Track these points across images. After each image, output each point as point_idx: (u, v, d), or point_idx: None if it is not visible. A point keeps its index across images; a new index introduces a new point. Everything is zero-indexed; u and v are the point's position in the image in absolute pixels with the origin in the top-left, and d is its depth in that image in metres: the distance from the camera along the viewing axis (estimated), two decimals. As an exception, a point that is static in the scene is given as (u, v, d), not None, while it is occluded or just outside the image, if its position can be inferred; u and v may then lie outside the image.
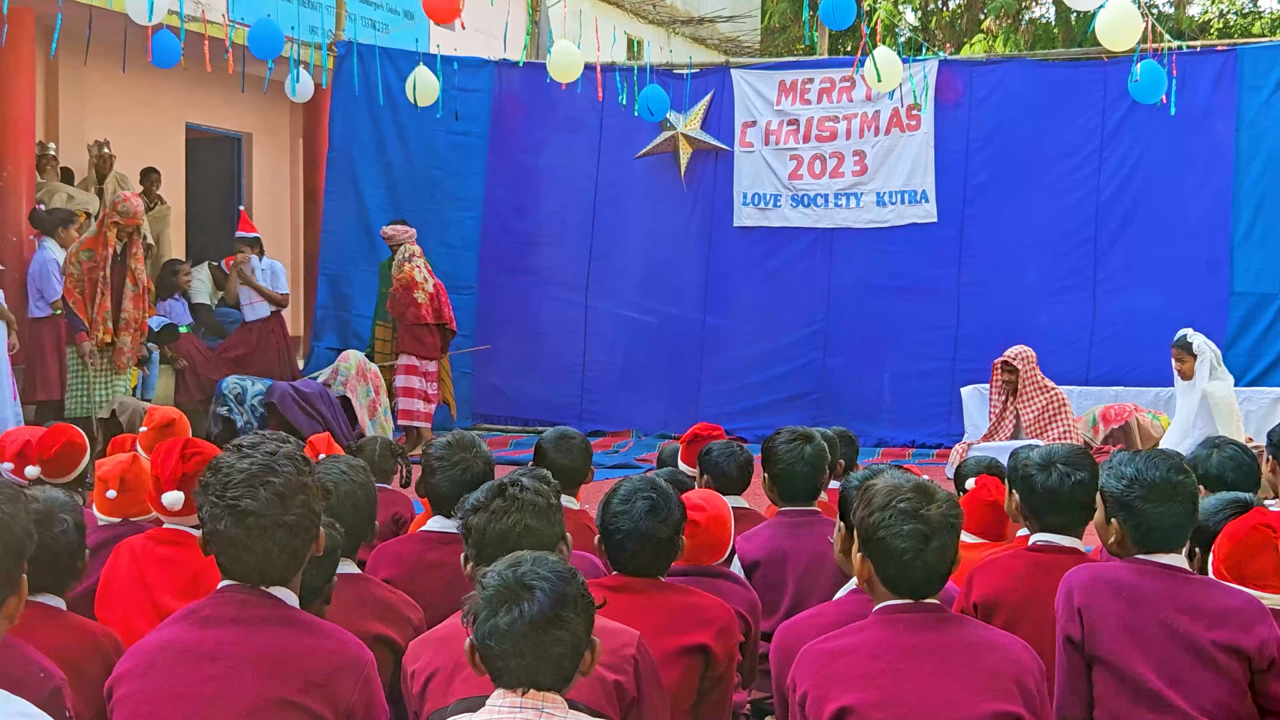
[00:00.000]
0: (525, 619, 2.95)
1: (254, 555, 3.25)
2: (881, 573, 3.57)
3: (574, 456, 5.92)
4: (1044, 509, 4.60)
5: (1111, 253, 14.16)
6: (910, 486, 3.57)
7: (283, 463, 3.29)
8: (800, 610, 4.58)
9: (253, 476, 3.24)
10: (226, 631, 3.24)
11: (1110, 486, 4.12)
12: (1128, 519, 4.05)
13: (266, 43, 12.97)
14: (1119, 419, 12.32)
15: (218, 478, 3.27)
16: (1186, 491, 4.06)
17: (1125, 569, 4.04)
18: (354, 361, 13.31)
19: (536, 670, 2.97)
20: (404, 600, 4.47)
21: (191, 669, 3.21)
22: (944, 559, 3.54)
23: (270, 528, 3.23)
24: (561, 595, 2.99)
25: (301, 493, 3.29)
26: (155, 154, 16.29)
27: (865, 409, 14.47)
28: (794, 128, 14.97)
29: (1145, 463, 4.08)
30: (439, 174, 15.53)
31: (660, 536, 4.26)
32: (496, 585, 3.02)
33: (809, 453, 5.56)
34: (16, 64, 13.16)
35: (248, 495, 3.22)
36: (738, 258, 15.18)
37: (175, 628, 3.33)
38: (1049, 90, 14.37)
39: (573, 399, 15.42)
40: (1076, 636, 3.97)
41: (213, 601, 3.32)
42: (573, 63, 13.74)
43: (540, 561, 3.07)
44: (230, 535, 3.24)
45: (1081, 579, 4.04)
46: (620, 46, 21.57)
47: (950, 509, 3.56)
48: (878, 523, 3.54)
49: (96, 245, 11.55)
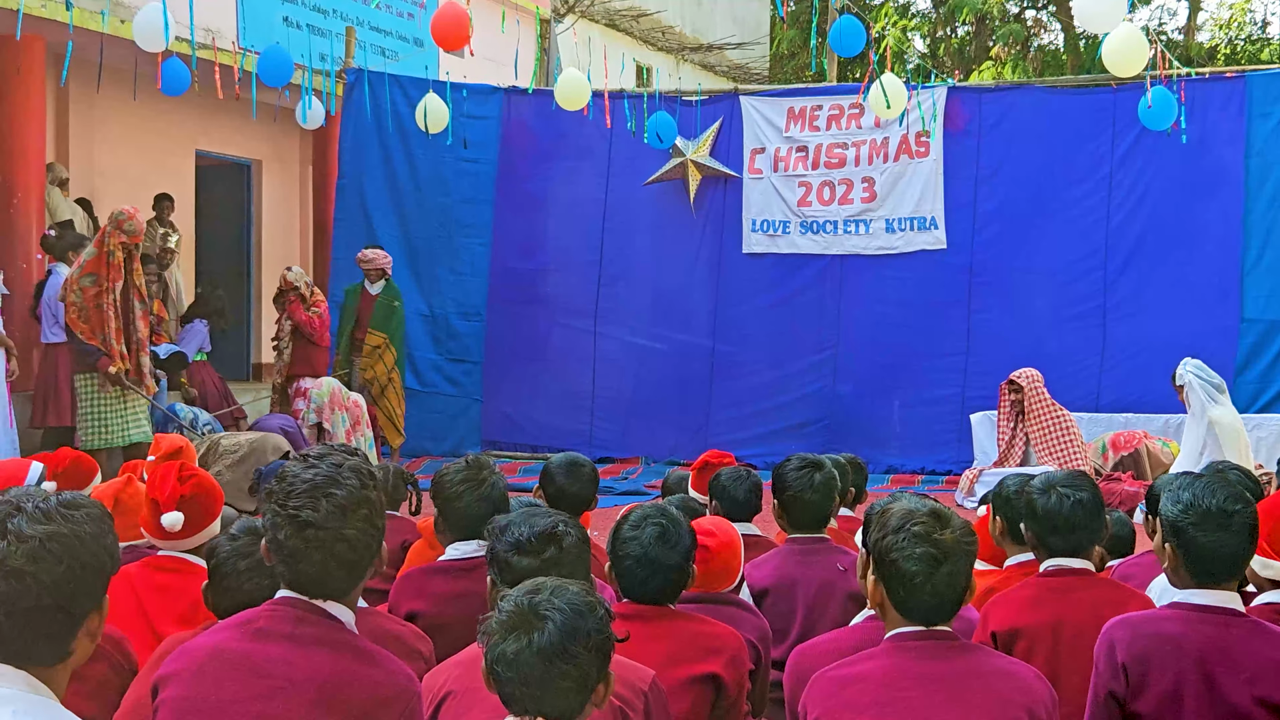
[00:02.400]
0: (533, 649, 2.94)
1: (312, 566, 3.22)
2: (893, 596, 3.55)
3: (582, 484, 5.89)
4: (1045, 532, 4.57)
5: (1121, 279, 14.14)
6: (925, 511, 3.56)
7: (347, 475, 3.25)
8: (809, 638, 4.56)
9: (316, 488, 3.22)
10: (279, 648, 3.20)
11: (1166, 510, 4.01)
12: (1180, 545, 3.94)
13: (276, 70, 12.98)
14: (1129, 446, 12.31)
15: (282, 486, 3.25)
16: (1242, 522, 3.92)
17: (1168, 619, 3.95)
18: (327, 389, 13.03)
19: (543, 700, 2.95)
20: (414, 633, 4.43)
21: (240, 683, 3.17)
22: (954, 585, 3.51)
23: (330, 540, 3.20)
24: (573, 629, 2.97)
25: (364, 506, 3.25)
26: (165, 181, 16.34)
27: (875, 436, 14.44)
28: (803, 154, 14.98)
29: (1204, 489, 3.97)
30: (448, 201, 15.54)
31: (670, 563, 4.24)
32: (511, 611, 3.00)
33: (819, 480, 5.54)
34: (27, 91, 13.22)
35: (309, 506, 3.20)
36: (747, 284, 15.17)
37: (228, 634, 3.29)
38: (1058, 117, 14.37)
39: (582, 426, 15.40)
40: (1121, 692, 3.89)
41: (269, 613, 3.28)
42: (579, 90, 13.75)
43: (560, 591, 3.04)
44: (290, 545, 3.21)
45: (1123, 635, 3.94)
46: (629, 73, 21.63)
47: (964, 535, 3.54)
48: (890, 545, 3.53)
49: (100, 268, 10.99)
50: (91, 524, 2.74)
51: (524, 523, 3.94)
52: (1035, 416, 12.31)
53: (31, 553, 2.65)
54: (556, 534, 3.90)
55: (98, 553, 2.74)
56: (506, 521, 4.00)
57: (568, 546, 3.88)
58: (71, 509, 2.74)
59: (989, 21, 33.48)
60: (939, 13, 34.74)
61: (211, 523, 4.91)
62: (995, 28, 33.21)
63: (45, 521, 2.68)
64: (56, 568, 2.66)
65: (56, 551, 2.66)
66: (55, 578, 2.66)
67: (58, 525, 2.69)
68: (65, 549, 2.68)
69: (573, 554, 3.89)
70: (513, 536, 3.91)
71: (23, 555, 2.65)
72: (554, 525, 3.93)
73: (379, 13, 17.76)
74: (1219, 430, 11.02)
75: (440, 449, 14.75)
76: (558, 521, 3.95)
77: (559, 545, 3.88)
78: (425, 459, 14.31)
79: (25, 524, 2.68)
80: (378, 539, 3.32)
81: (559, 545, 3.88)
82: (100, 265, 11.00)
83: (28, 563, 2.64)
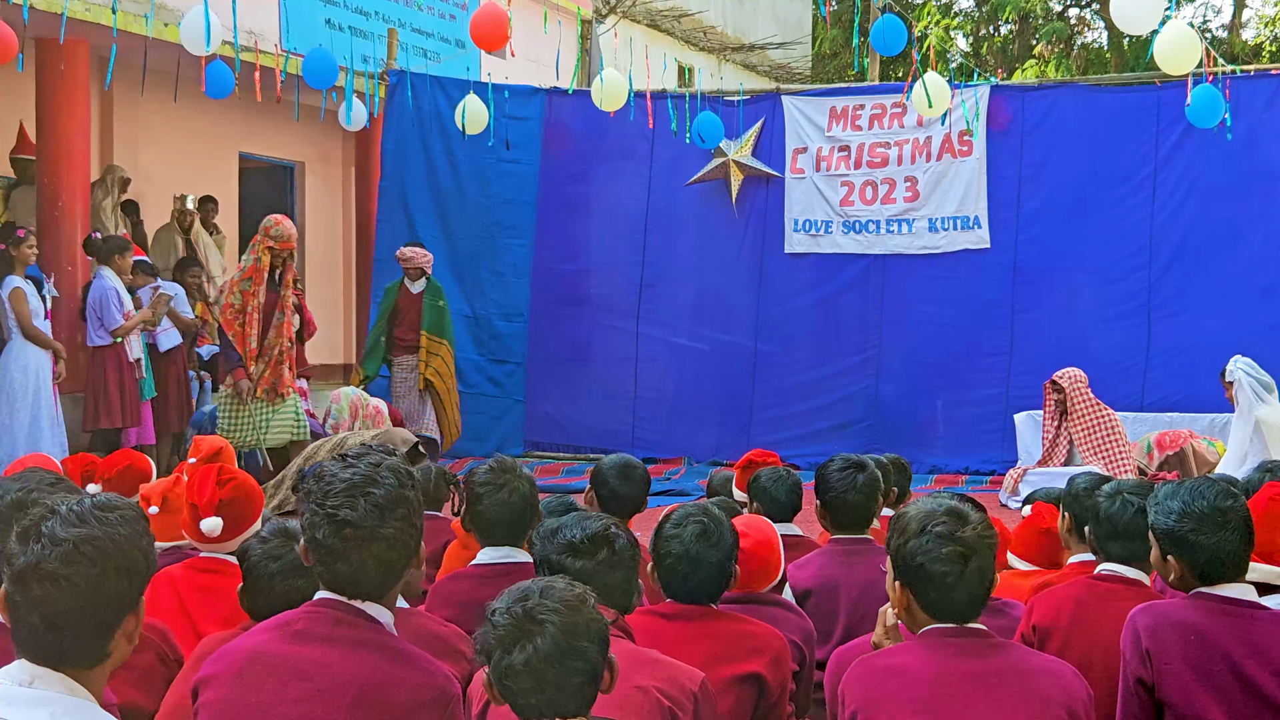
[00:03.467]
0: (540, 654, 2.94)
1: (349, 566, 3.22)
2: (922, 599, 3.56)
3: (634, 486, 5.89)
4: (1105, 537, 4.56)
5: (1166, 278, 14.04)
6: (943, 511, 3.57)
7: (385, 475, 3.25)
8: (852, 639, 4.55)
9: (354, 487, 3.22)
10: (318, 649, 3.20)
11: (1160, 523, 4.03)
12: (1183, 554, 3.96)
13: (321, 72, 13.02)
14: (1174, 445, 12.22)
15: (320, 485, 3.26)
16: (1239, 516, 3.96)
17: (1190, 608, 3.95)
18: (346, 401, 12.61)
19: (556, 701, 2.96)
20: (456, 633, 4.43)
21: (280, 686, 3.18)
22: (983, 580, 3.53)
23: (367, 539, 3.20)
24: (573, 626, 2.98)
25: (402, 505, 3.25)
26: (209, 183, 16.45)
27: (918, 436, 14.38)
28: (845, 154, 14.93)
29: (1191, 494, 3.98)
30: (490, 202, 15.55)
31: (711, 560, 4.24)
32: (506, 623, 3.01)
33: (862, 481, 5.54)
34: (71, 94, 13.28)
35: (347, 505, 3.20)
36: (789, 284, 15.13)
37: (268, 636, 3.30)
38: (1102, 115, 14.27)
39: (624, 426, 15.39)
40: (1148, 680, 3.91)
41: (308, 614, 3.28)
42: (619, 91, 13.73)
43: (548, 592, 3.05)
44: (328, 545, 3.22)
45: (1147, 622, 3.96)
46: (671, 74, 21.64)
47: (984, 530, 3.56)
48: (915, 549, 3.54)
49: (254, 274, 11.34)
50: (126, 526, 2.77)
51: (575, 525, 3.95)
52: (1079, 416, 12.25)
53: (65, 556, 2.66)
54: (609, 536, 3.91)
55: (133, 555, 2.76)
56: (557, 524, 4.00)
57: (620, 548, 3.91)
58: (106, 511, 2.76)
59: (1032, 20, 33.35)
60: (982, 11, 34.64)
61: (252, 524, 4.92)
62: (1038, 26, 33.07)
63: (79, 525, 2.70)
64: (91, 571, 2.67)
65: (91, 555, 2.68)
66: (90, 582, 2.67)
67: (92, 528, 2.70)
68: (100, 552, 2.69)
69: (626, 555, 3.91)
70: (564, 538, 3.92)
71: (57, 559, 2.67)
72: (606, 527, 3.94)
73: (421, 14, 17.80)
74: (1265, 429, 10.94)
75: (483, 450, 14.75)
76: (609, 524, 3.96)
77: (611, 547, 3.89)
78: (468, 460, 14.31)
79: (60, 527, 2.70)
80: (416, 538, 3.32)
81: (611, 547, 3.89)
82: (255, 271, 11.35)
83: (62, 566, 2.66)
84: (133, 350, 12.26)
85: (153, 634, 4.09)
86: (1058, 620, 4.40)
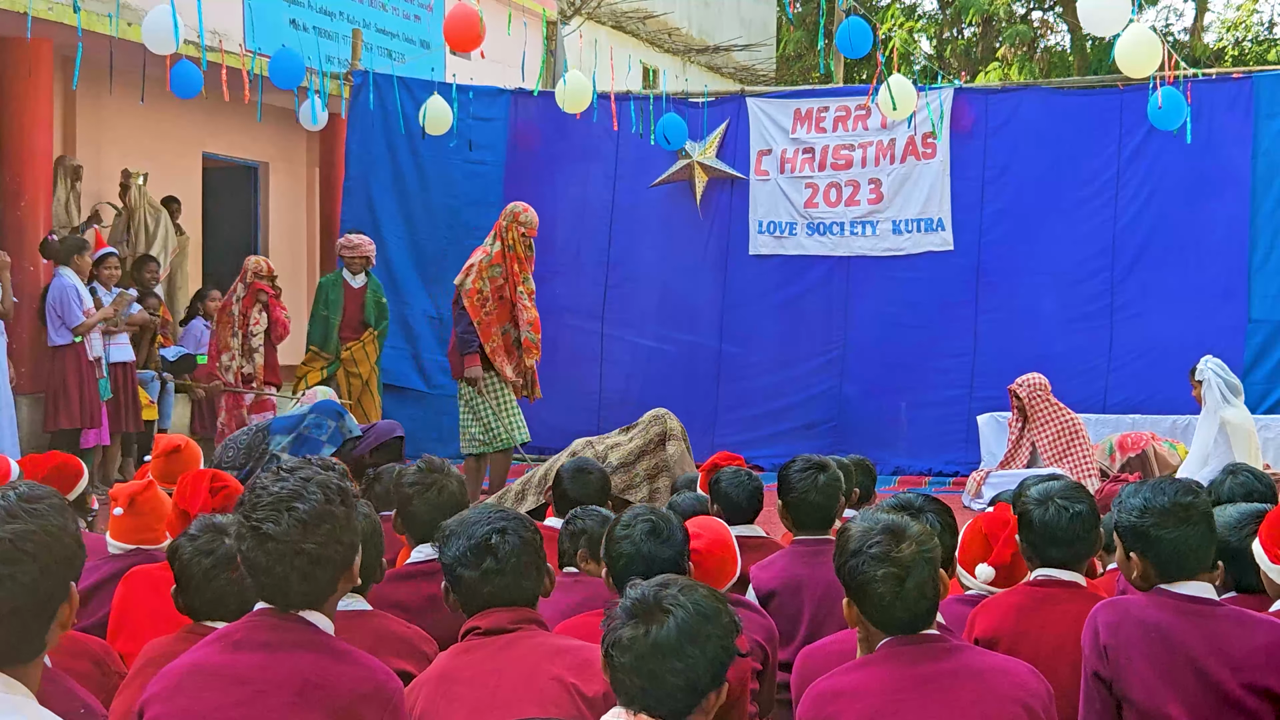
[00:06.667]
0: (648, 640, 2.94)
1: (273, 579, 3.25)
2: (868, 615, 3.60)
3: (590, 490, 5.92)
4: (1043, 543, 4.56)
5: (1128, 280, 14.10)
6: (880, 529, 3.58)
7: (312, 490, 3.26)
8: (816, 639, 4.57)
9: (279, 501, 3.24)
10: (256, 656, 3.23)
11: (1123, 520, 4.06)
12: (1146, 550, 3.99)
13: (288, 72, 12.98)
14: (1135, 447, 12.28)
15: (250, 497, 3.28)
16: (1200, 511, 3.99)
17: (1151, 605, 3.98)
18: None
19: (649, 695, 2.94)
20: (418, 634, 4.44)
21: (219, 692, 3.21)
22: (924, 595, 3.55)
23: (289, 554, 3.22)
24: (693, 631, 2.96)
25: (327, 522, 3.26)
26: (173, 184, 16.36)
27: (882, 437, 14.40)
28: (809, 156, 14.96)
29: (1152, 490, 4.04)
30: (456, 203, 15.51)
31: (664, 557, 4.27)
32: (637, 599, 3.01)
33: (823, 481, 5.57)
34: (35, 94, 13.23)
35: (270, 519, 3.22)
36: (754, 286, 15.13)
37: (206, 650, 3.33)
38: (1065, 118, 14.34)
39: (590, 427, 15.29)
40: (1105, 674, 3.94)
41: (246, 625, 3.32)
42: (582, 92, 13.72)
43: (689, 590, 3.04)
44: (251, 557, 3.25)
45: (1107, 618, 3.99)
46: (635, 75, 21.63)
47: (923, 545, 3.57)
48: (854, 569, 3.57)
49: (504, 260, 11.42)
50: (56, 515, 2.71)
51: (464, 533, 3.96)
52: (1041, 423, 12.28)
53: (6, 555, 2.60)
54: (492, 545, 3.91)
55: (68, 544, 2.70)
56: (449, 531, 4.02)
57: (504, 555, 3.90)
58: (33, 502, 2.70)
59: (995, 22, 33.45)
60: (945, 14, 34.73)
61: None
62: (1002, 29, 33.17)
63: (11, 520, 2.64)
64: (33, 567, 2.62)
65: (32, 550, 2.62)
66: (32, 577, 2.62)
67: (25, 523, 2.65)
68: (40, 546, 2.63)
69: (510, 565, 3.90)
70: (455, 551, 3.94)
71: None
72: (489, 536, 3.93)
73: (386, 14, 17.77)
74: (1230, 430, 11.01)
75: (447, 452, 14.70)
76: (491, 532, 3.93)
77: (494, 556, 3.89)
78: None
79: None
80: (343, 553, 3.32)
81: (494, 556, 3.89)
82: (503, 257, 11.43)
83: (3, 565, 2.60)
84: (93, 349, 12.18)
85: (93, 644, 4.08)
86: (1000, 629, 4.41)
